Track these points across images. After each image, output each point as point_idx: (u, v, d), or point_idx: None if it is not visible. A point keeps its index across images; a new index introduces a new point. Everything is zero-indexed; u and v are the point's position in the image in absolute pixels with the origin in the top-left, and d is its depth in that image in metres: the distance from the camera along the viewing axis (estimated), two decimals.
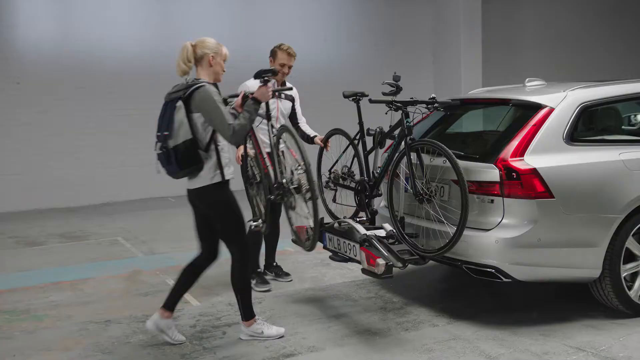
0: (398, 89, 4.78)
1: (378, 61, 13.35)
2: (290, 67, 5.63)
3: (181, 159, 4.13)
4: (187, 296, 5.55)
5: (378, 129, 4.86)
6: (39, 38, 10.48)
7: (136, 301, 5.52)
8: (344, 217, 5.18)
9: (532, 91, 5.18)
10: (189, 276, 4.58)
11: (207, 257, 4.57)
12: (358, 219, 5.00)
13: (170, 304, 4.54)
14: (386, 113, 4.56)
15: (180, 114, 4.11)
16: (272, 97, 4.85)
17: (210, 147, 4.22)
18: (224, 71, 4.37)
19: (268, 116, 4.79)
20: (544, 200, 4.41)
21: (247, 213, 4.73)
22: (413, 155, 4.58)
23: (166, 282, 6.00)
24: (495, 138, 4.88)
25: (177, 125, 4.11)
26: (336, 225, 5.02)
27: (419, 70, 13.92)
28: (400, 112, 4.57)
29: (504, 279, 4.48)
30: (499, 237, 4.42)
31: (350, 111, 4.81)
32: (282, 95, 5.53)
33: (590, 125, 5.08)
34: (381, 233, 4.69)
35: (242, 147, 5.12)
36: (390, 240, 4.63)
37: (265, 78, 4.38)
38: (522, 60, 14.92)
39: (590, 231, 4.52)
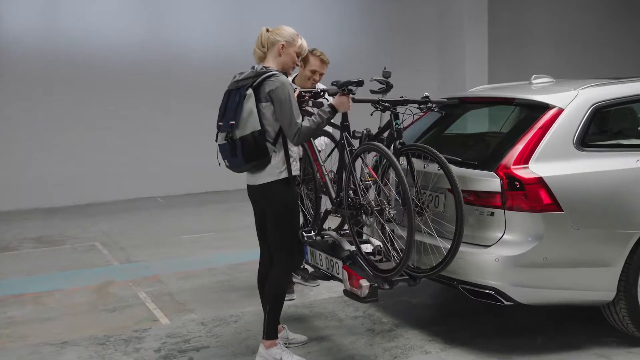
0: (388, 87, 4.25)
1: (380, 57, 12.78)
2: (321, 75, 5.20)
3: (247, 151, 3.78)
4: (156, 313, 5.08)
5: (365, 132, 4.32)
6: (22, 30, 10.01)
7: (101, 318, 5.02)
8: (329, 228, 4.66)
9: (538, 89, 4.64)
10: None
11: (270, 260, 4.13)
12: (343, 232, 4.47)
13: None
14: (372, 114, 4.02)
15: (249, 103, 3.77)
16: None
17: (279, 140, 3.88)
18: (296, 65, 4.07)
19: (344, 127, 4.28)
20: (551, 214, 3.88)
21: None
22: (404, 161, 4.05)
23: (137, 296, 5.51)
24: (497, 142, 4.35)
25: (245, 114, 3.76)
26: (318, 238, 4.51)
27: (423, 66, 13.41)
28: (388, 112, 4.03)
29: (505, 302, 3.95)
30: (500, 255, 3.90)
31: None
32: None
33: (603, 128, 4.53)
34: (367, 248, 4.17)
35: None
36: (378, 257, 4.10)
37: (350, 88, 3.96)
38: (530, 56, 14.34)
39: (604, 249, 3.99)
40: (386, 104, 3.93)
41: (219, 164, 4.01)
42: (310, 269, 5.07)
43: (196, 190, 11.04)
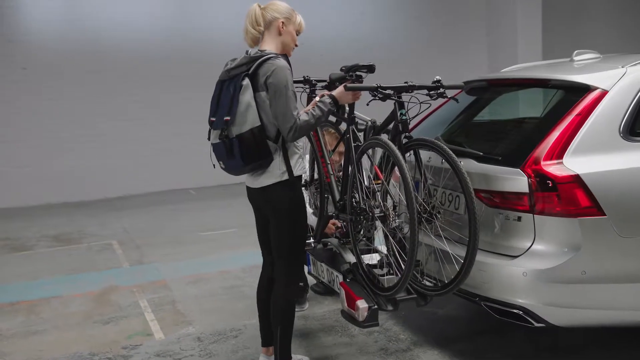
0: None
1: (423, 35, 12.11)
2: None
3: (246, 151, 3.26)
4: (152, 326, 4.62)
5: (370, 123, 3.72)
6: (45, 19, 9.71)
7: (92, 332, 4.58)
8: (335, 235, 4.09)
9: (580, 68, 3.93)
10: (266, 303, 3.67)
11: (272, 269, 3.63)
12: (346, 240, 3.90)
13: (269, 340, 3.74)
14: (368, 104, 3.39)
15: (247, 95, 3.24)
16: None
17: (280, 136, 3.35)
18: (295, 45, 3.51)
19: (350, 119, 3.75)
20: (591, 219, 3.20)
21: None
22: (411, 157, 3.43)
23: (138, 304, 5.07)
24: (525, 133, 3.68)
25: (242, 108, 3.24)
26: (320, 246, 3.95)
27: (470, 44, 12.65)
28: (390, 101, 3.40)
29: (535, 324, 3.31)
30: (529, 268, 3.25)
31: None
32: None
33: None
34: (373, 259, 3.58)
35: None
36: (384, 270, 3.50)
37: (358, 74, 3.47)
38: (588, 30, 13.32)
39: None
40: (386, 92, 3.30)
41: (214, 165, 3.47)
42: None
43: (229, 181, 10.55)
